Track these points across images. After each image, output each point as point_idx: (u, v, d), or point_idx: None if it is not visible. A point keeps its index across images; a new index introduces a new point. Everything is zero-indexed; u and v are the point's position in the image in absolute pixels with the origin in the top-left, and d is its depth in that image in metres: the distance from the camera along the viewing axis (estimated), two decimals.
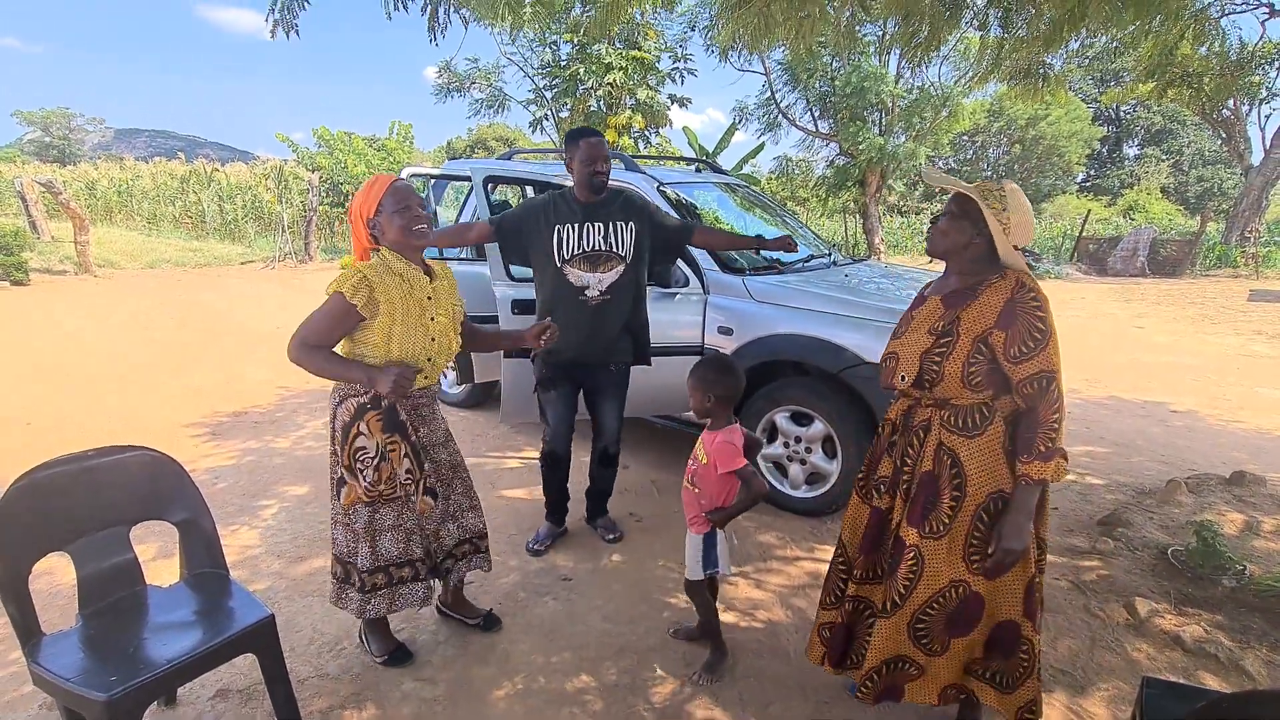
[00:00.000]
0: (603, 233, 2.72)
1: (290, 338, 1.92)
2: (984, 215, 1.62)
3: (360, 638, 2.34)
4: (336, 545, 2.11)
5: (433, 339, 2.04)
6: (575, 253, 2.71)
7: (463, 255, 4.41)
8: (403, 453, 2.06)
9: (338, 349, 2.00)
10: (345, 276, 1.92)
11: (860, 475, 1.96)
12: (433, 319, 2.04)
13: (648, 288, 3.51)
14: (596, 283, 2.73)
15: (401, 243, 1.97)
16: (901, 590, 1.72)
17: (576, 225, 2.71)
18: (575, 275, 2.72)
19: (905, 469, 1.78)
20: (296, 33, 2.70)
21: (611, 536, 3.12)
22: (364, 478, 2.00)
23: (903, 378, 1.76)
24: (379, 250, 2.01)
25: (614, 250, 2.73)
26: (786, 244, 2.99)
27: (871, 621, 1.87)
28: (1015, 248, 1.66)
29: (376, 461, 2.00)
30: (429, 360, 2.05)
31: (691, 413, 3.55)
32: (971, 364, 1.63)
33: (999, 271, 1.67)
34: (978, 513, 1.66)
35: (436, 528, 2.23)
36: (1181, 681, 2.14)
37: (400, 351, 1.97)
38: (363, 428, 2.00)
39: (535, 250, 2.76)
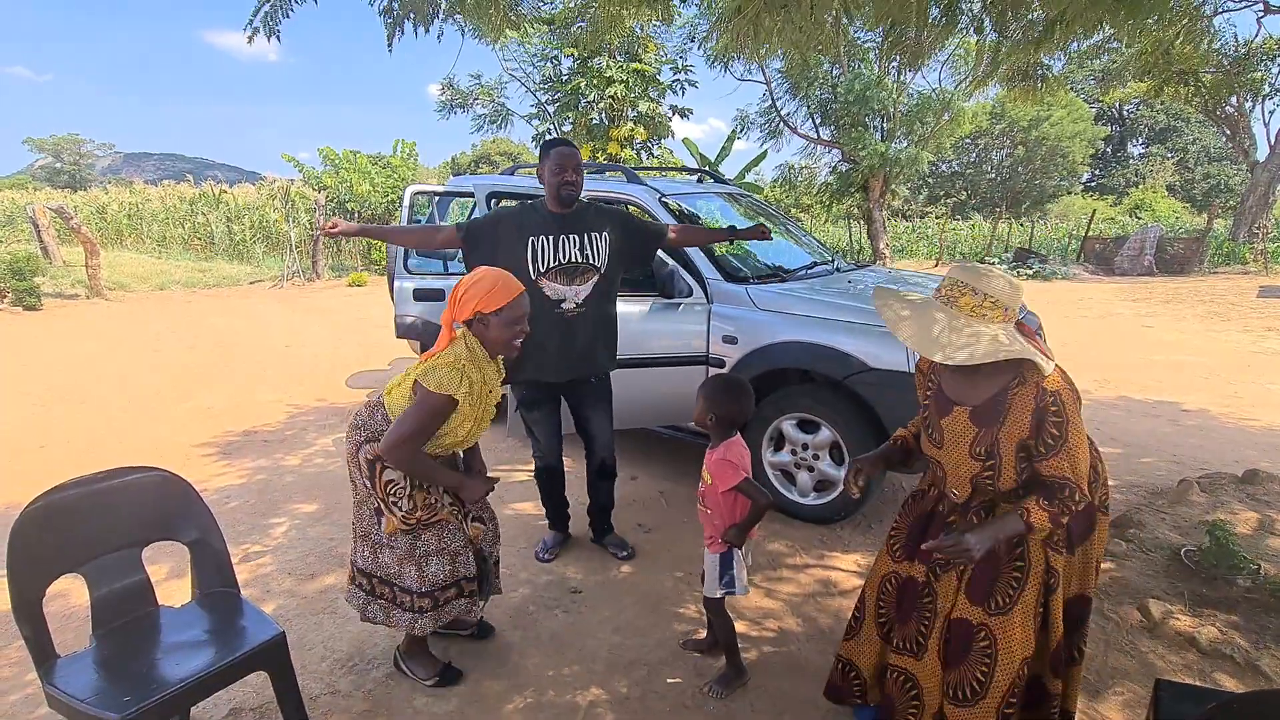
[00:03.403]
0: (579, 245, 2.67)
1: (388, 439, 1.92)
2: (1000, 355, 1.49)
3: (398, 665, 2.31)
4: (382, 568, 2.11)
5: (477, 423, 2.09)
6: (551, 265, 2.66)
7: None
8: (441, 490, 2.10)
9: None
10: (449, 373, 1.92)
11: (894, 529, 1.88)
12: (487, 409, 2.10)
13: (652, 299, 3.54)
14: (573, 295, 2.69)
15: (499, 347, 2.06)
16: (980, 676, 1.61)
17: (552, 237, 2.65)
18: (551, 288, 2.67)
19: None
20: (278, 38, 2.71)
21: (624, 554, 3.08)
22: (399, 508, 2.01)
23: (955, 493, 1.71)
24: (463, 337, 2.03)
25: (590, 262, 2.70)
26: (760, 232, 3.02)
27: (916, 698, 1.76)
28: (1018, 328, 1.56)
29: (410, 491, 2.02)
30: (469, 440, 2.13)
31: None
32: (1021, 471, 1.58)
33: (1015, 375, 1.57)
34: (1041, 586, 1.60)
35: (489, 548, 2.31)
36: (1195, 683, 2.12)
37: (454, 439, 2.04)
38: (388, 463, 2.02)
39: (506, 262, 2.56)
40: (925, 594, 1.74)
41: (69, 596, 2.66)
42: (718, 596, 2.18)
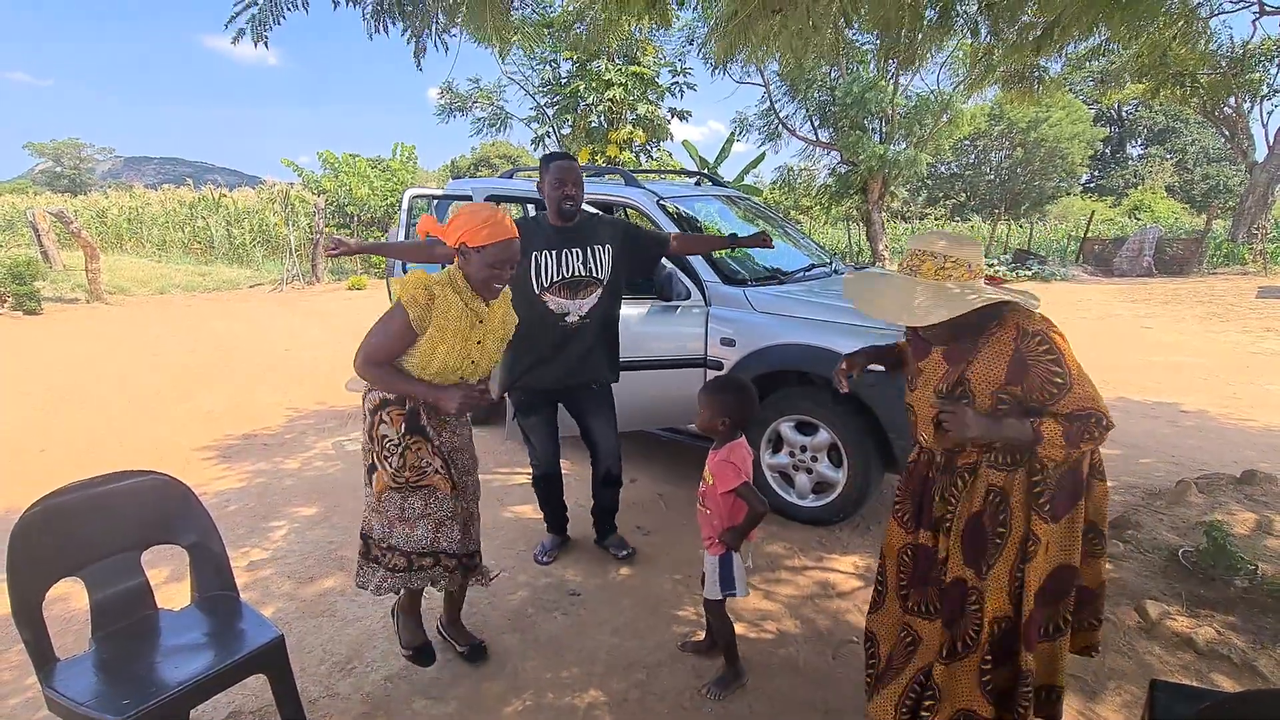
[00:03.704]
0: (582, 259, 2.68)
1: (358, 354, 2.00)
2: (957, 308, 1.50)
3: (393, 616, 2.39)
4: (369, 528, 2.15)
5: (473, 361, 2.08)
6: (554, 280, 2.66)
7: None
8: (430, 452, 2.10)
9: None
10: (410, 285, 1.97)
11: (898, 502, 1.88)
12: (479, 342, 2.08)
13: (650, 302, 3.55)
14: (576, 309, 2.70)
15: (476, 284, 2.05)
16: (972, 633, 1.64)
17: (554, 252, 2.66)
18: (555, 302, 2.68)
19: (949, 509, 1.70)
20: (266, 44, 2.68)
21: (624, 554, 3.08)
22: (390, 464, 2.05)
23: (924, 437, 1.73)
24: (448, 267, 2.09)
25: (594, 275, 2.70)
26: (761, 240, 3.00)
27: (912, 651, 1.78)
28: (989, 280, 1.59)
29: (401, 450, 2.05)
30: (461, 378, 2.10)
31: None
32: (998, 412, 1.56)
33: (994, 317, 1.58)
34: (1017, 552, 1.61)
35: (462, 528, 2.26)
36: (1189, 683, 2.13)
37: (439, 368, 2.02)
38: (384, 417, 2.06)
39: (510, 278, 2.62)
40: (942, 556, 1.74)
41: (69, 600, 2.67)
42: (718, 598, 2.19)
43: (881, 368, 1.99)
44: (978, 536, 1.64)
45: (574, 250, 2.68)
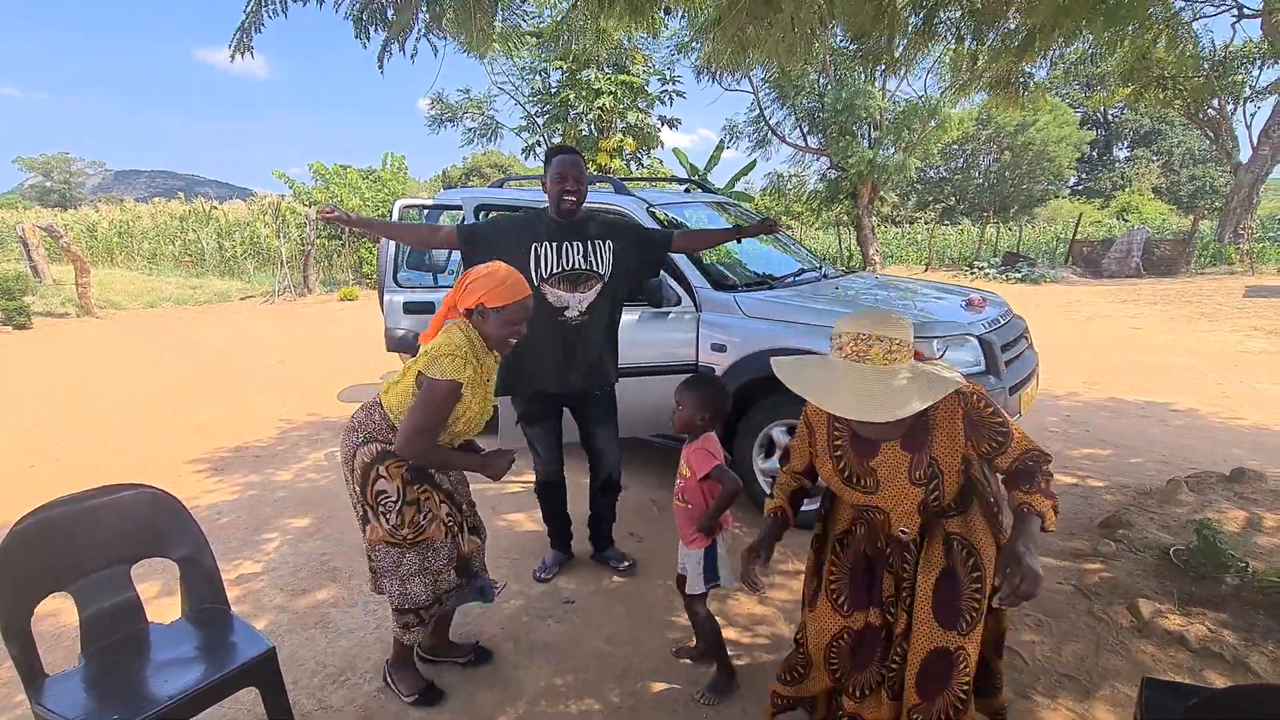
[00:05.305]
0: (582, 252, 2.65)
1: (404, 433, 1.94)
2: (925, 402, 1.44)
3: (386, 679, 2.30)
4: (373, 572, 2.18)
5: (482, 412, 2.12)
6: (554, 271, 2.63)
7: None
8: (438, 499, 2.11)
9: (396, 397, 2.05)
10: (451, 361, 1.94)
11: (833, 581, 1.77)
12: (487, 396, 2.13)
13: (641, 308, 3.56)
14: (576, 303, 2.66)
15: (493, 342, 2.10)
16: (961, 695, 1.58)
17: (555, 244, 2.63)
18: (554, 295, 2.64)
19: (905, 580, 1.64)
20: (251, 54, 2.69)
21: (624, 566, 3.05)
22: (387, 520, 2.02)
23: (904, 531, 1.64)
24: (460, 322, 2.08)
25: (594, 269, 2.67)
26: (767, 226, 2.92)
27: None
28: (916, 356, 1.55)
29: (399, 505, 2.01)
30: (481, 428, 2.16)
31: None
32: (961, 477, 1.58)
33: None
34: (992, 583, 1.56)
35: (479, 558, 2.33)
36: (1180, 680, 2.14)
37: (465, 427, 2.07)
38: (381, 471, 2.01)
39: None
40: (885, 636, 1.69)
41: (59, 615, 2.65)
42: (703, 591, 2.20)
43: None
44: (954, 594, 1.59)
45: (574, 243, 2.65)
